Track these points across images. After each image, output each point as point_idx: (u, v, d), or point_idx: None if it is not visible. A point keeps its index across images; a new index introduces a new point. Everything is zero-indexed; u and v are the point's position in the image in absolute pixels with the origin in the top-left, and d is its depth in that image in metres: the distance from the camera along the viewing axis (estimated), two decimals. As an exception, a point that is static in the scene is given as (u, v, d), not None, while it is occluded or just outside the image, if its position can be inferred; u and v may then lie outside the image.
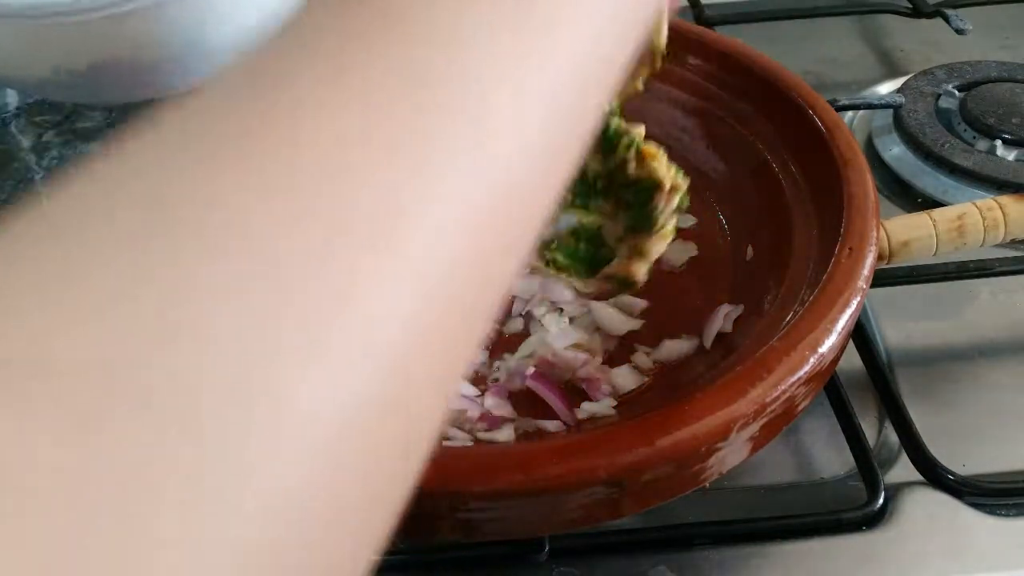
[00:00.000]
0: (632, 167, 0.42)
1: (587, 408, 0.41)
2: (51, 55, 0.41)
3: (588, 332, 0.44)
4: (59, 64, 0.41)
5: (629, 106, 0.49)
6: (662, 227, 0.40)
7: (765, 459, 0.42)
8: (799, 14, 0.72)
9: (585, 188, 0.41)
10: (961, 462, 0.41)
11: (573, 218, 0.42)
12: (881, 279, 0.47)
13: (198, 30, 0.42)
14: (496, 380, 0.43)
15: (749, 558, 0.38)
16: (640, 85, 0.41)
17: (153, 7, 0.39)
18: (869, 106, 0.62)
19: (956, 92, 0.62)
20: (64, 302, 0.13)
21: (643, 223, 0.41)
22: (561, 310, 0.45)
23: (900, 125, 0.59)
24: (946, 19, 0.68)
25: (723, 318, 0.43)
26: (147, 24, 0.40)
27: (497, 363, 0.43)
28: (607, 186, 0.41)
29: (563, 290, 0.45)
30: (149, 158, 0.16)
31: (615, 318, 0.45)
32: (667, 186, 0.40)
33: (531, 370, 0.42)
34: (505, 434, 0.40)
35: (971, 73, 0.63)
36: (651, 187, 0.40)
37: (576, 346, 0.43)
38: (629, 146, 0.40)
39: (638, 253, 0.42)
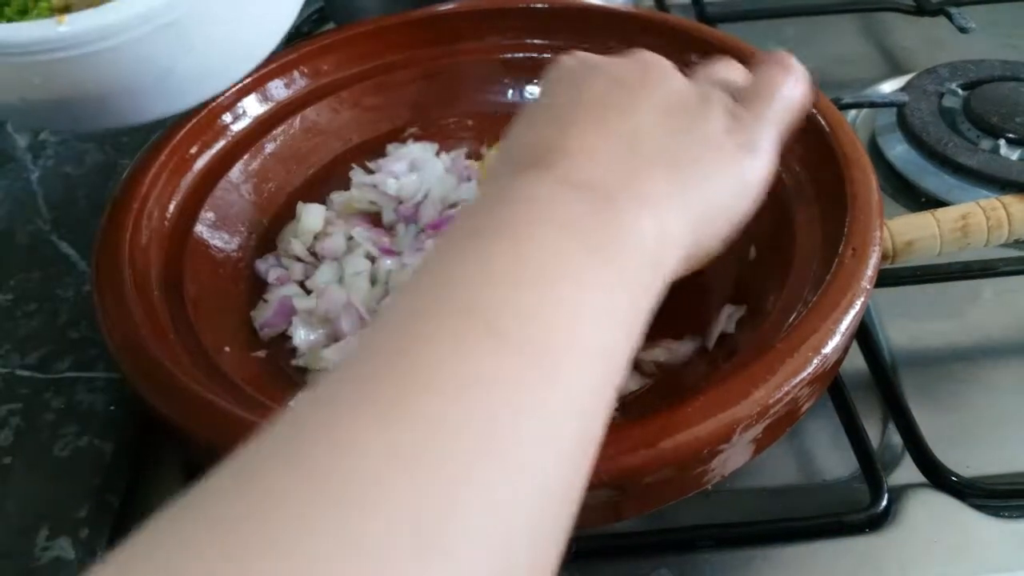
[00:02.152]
0: None
1: (588, 409, 0.40)
2: (14, 88, 0.42)
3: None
4: (25, 96, 0.42)
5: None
6: None
7: (768, 461, 0.42)
8: (802, 12, 0.72)
9: None
10: (965, 464, 0.41)
11: None
12: (885, 279, 0.46)
13: (166, 64, 0.43)
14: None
15: (751, 561, 0.38)
16: None
17: (114, 47, 0.41)
18: (872, 105, 0.61)
19: (960, 91, 0.61)
20: None
21: None
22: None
23: (903, 124, 0.59)
24: (950, 17, 0.68)
25: (726, 319, 0.43)
26: (109, 63, 0.41)
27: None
28: None
29: None
30: None
31: None
32: None
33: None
34: (505, 436, 0.39)
35: (975, 72, 0.63)
36: None
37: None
38: None
39: None
